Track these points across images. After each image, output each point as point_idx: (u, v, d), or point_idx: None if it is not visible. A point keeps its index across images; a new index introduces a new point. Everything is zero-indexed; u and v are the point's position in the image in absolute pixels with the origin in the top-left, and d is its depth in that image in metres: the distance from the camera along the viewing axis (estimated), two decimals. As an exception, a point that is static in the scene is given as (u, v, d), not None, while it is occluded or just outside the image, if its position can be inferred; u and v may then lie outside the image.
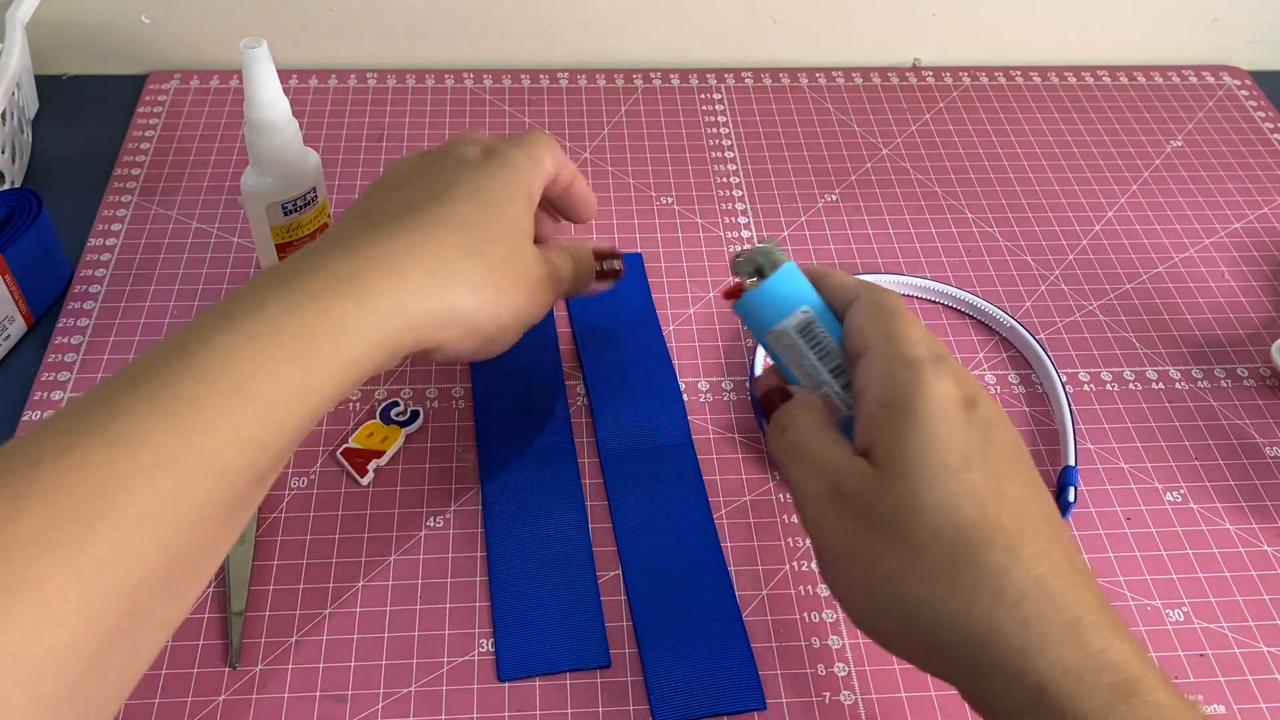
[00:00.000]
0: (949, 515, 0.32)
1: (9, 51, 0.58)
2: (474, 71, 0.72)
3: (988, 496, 0.32)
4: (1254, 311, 0.60)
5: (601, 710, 0.42)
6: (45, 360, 0.53)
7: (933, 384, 0.34)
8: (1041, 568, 0.31)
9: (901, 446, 0.33)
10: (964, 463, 0.32)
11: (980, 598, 0.31)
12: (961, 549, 0.31)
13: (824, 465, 0.35)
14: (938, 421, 0.33)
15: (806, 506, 0.35)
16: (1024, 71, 0.75)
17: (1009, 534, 0.31)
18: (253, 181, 0.52)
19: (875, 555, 0.32)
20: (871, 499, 0.33)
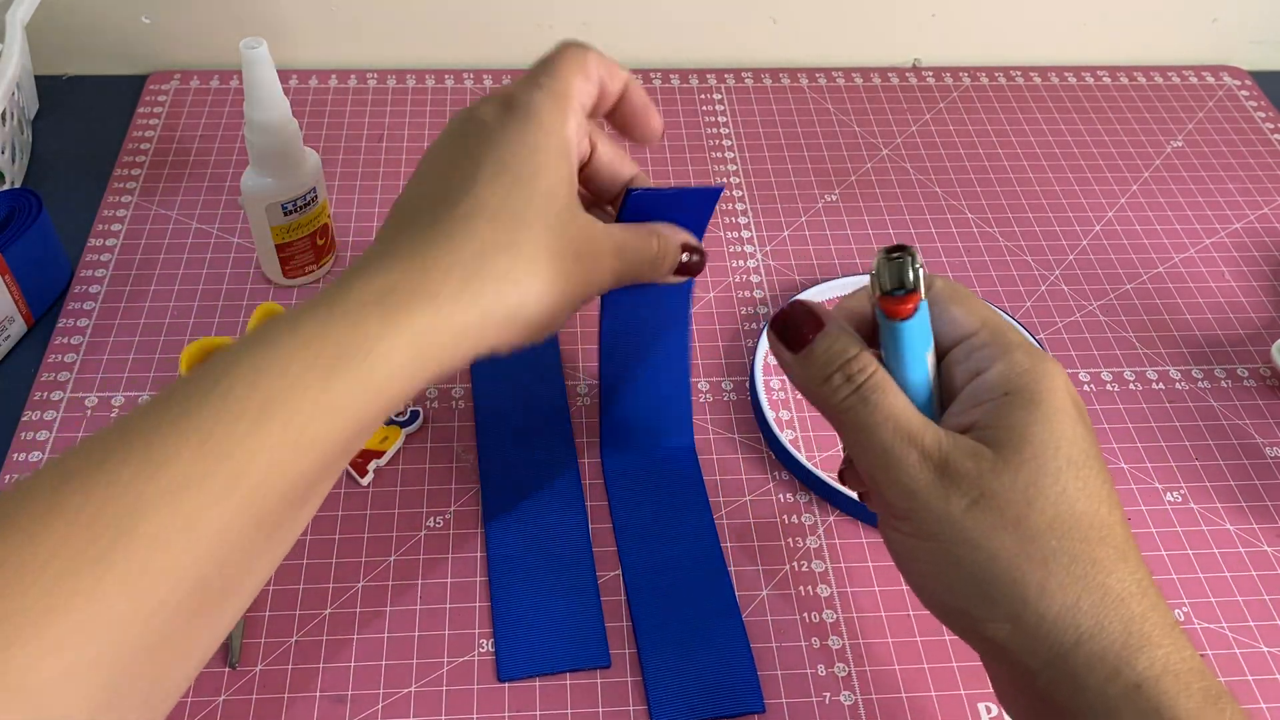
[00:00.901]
0: (1069, 507, 0.31)
1: (9, 51, 0.58)
2: (474, 71, 0.72)
3: (1102, 497, 0.32)
4: (1254, 311, 0.60)
5: (601, 710, 0.42)
6: (45, 360, 0.53)
7: (1057, 377, 0.33)
8: (1141, 571, 0.32)
9: (1028, 433, 0.32)
10: (1084, 459, 0.32)
11: (1090, 591, 0.31)
12: (1078, 542, 0.31)
13: (918, 434, 0.33)
14: (1064, 415, 0.32)
15: (894, 475, 0.33)
16: (1024, 72, 0.75)
17: (1119, 536, 0.32)
18: (253, 182, 0.52)
19: (984, 534, 0.31)
20: (987, 479, 0.32)
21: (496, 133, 0.35)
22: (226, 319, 0.55)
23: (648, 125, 0.40)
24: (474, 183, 0.34)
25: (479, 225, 0.34)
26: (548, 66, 0.37)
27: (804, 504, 0.49)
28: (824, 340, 0.35)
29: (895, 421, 0.33)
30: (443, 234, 0.33)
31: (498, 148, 0.35)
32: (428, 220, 0.34)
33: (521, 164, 0.35)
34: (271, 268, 0.56)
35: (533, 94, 0.36)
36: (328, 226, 0.56)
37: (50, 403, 0.51)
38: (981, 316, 0.35)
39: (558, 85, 0.36)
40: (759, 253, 0.61)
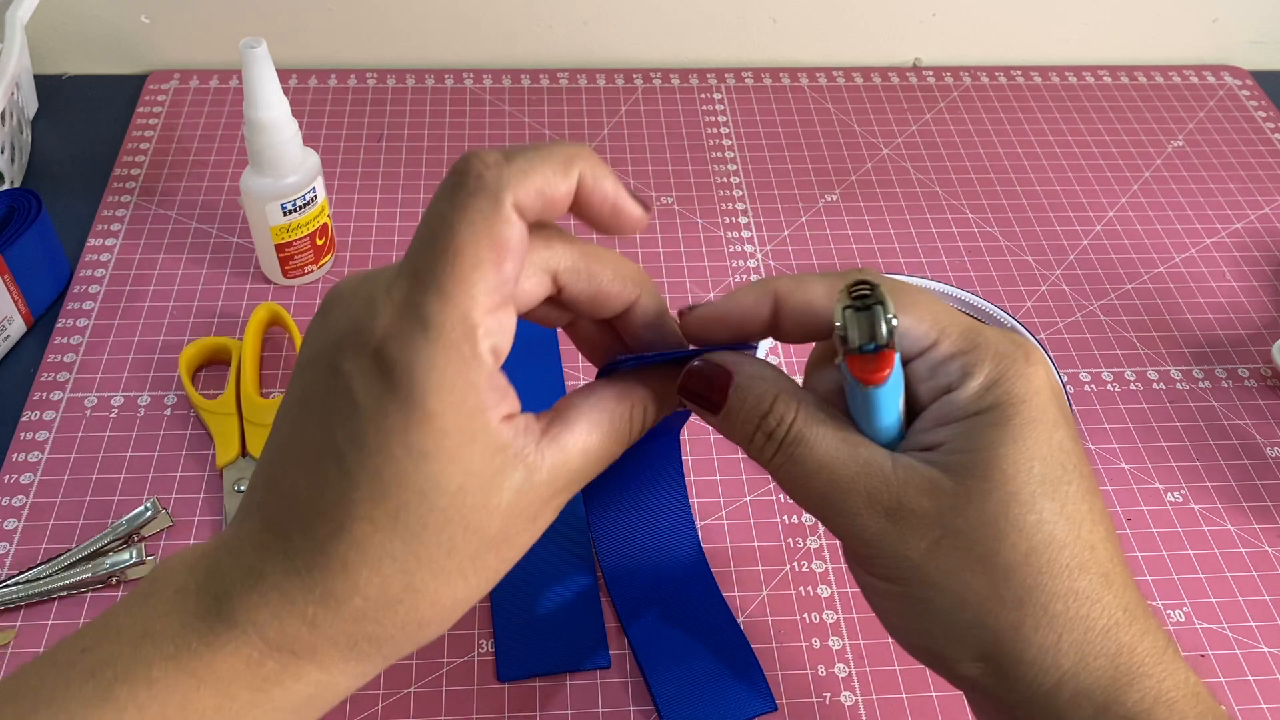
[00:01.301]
0: (1045, 535, 0.28)
1: (8, 51, 0.58)
2: (474, 71, 0.72)
3: (1083, 514, 0.29)
4: (1255, 311, 0.59)
5: (601, 711, 0.42)
6: (44, 360, 0.52)
7: (1033, 378, 0.29)
8: (1128, 593, 0.29)
9: (997, 457, 0.28)
10: (1063, 473, 0.29)
11: (1072, 628, 0.28)
12: (1057, 576, 0.28)
13: (857, 480, 0.29)
14: (1040, 425, 0.29)
15: (841, 523, 0.30)
16: (1024, 71, 0.75)
17: (1102, 558, 0.29)
18: (252, 181, 0.52)
19: (950, 576, 0.28)
20: (949, 515, 0.28)
21: (369, 428, 0.26)
22: (226, 319, 0.55)
23: (619, 221, 0.30)
24: (348, 511, 0.26)
25: (361, 579, 0.27)
26: (434, 265, 0.26)
27: (804, 504, 0.49)
28: (735, 395, 0.31)
29: (830, 471, 0.29)
30: (321, 584, 0.27)
31: (373, 455, 0.26)
32: (302, 546, 0.27)
33: (405, 485, 0.26)
34: (271, 268, 0.56)
35: (415, 352, 0.26)
36: (327, 226, 0.56)
37: (50, 403, 0.51)
38: (938, 323, 0.30)
39: (451, 315, 0.26)
40: (759, 252, 0.60)
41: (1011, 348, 0.30)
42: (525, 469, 0.28)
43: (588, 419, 0.30)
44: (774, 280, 0.31)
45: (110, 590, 0.44)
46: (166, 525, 0.46)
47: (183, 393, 0.51)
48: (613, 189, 0.29)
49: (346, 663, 0.28)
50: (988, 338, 0.30)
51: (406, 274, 0.27)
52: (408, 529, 0.26)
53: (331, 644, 0.27)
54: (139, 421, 0.50)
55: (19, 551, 0.45)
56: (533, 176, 0.27)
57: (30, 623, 0.43)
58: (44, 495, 0.47)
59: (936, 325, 0.30)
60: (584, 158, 0.29)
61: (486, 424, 0.27)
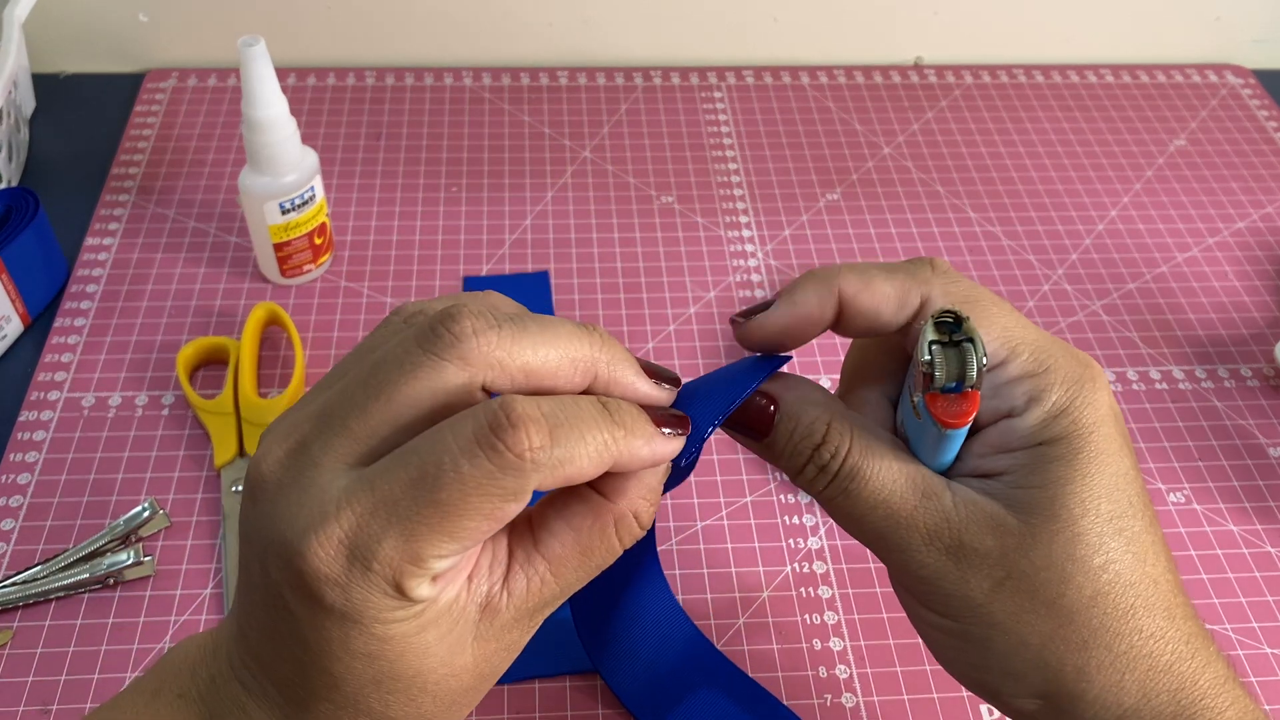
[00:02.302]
0: (1111, 575, 0.27)
1: (6, 50, 0.58)
2: (473, 70, 0.71)
3: (1146, 548, 0.28)
4: (1257, 311, 0.59)
5: (601, 712, 0.41)
6: (42, 360, 0.52)
7: (1100, 405, 0.28)
8: (1189, 624, 0.28)
9: (1065, 494, 0.27)
10: (1128, 508, 0.28)
11: (1135, 666, 0.27)
12: (1123, 617, 0.27)
13: (916, 517, 0.28)
14: (1106, 458, 0.27)
15: (899, 560, 0.29)
16: (1026, 70, 0.75)
17: (1165, 591, 0.28)
18: (251, 180, 0.51)
19: (1013, 618, 0.27)
20: (1013, 557, 0.27)
21: (309, 635, 0.24)
22: (224, 318, 0.55)
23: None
24: (310, 691, 0.25)
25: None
26: (428, 530, 0.23)
27: (805, 505, 0.49)
28: (783, 424, 0.29)
29: (887, 506, 0.28)
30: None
31: (319, 656, 0.24)
32: (281, 700, 0.26)
33: (357, 677, 0.25)
34: (269, 267, 0.55)
35: (363, 605, 0.24)
36: (325, 225, 0.56)
37: (47, 403, 0.50)
38: (1009, 339, 0.28)
39: (416, 580, 0.24)
40: (760, 252, 0.60)
41: (1080, 370, 0.28)
42: (489, 617, 0.26)
43: (559, 539, 0.27)
44: (835, 276, 0.29)
45: (108, 590, 0.44)
46: (164, 525, 0.46)
47: (180, 392, 0.51)
48: (631, 380, 0.27)
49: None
50: (1059, 360, 0.28)
51: (378, 509, 0.23)
52: (370, 710, 0.25)
53: None
54: (136, 421, 0.50)
55: (16, 552, 0.45)
56: (571, 466, 0.24)
57: (27, 623, 0.43)
58: (41, 495, 0.47)
59: (1007, 342, 0.28)
60: (605, 361, 0.26)
61: (437, 610, 0.25)
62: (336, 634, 0.24)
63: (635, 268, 0.59)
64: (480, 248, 0.59)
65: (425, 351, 0.24)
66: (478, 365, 0.24)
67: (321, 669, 0.25)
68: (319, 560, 0.23)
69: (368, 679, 0.25)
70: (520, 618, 0.27)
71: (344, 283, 0.57)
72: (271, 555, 0.24)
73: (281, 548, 0.24)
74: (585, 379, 0.26)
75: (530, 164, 0.65)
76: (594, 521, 0.27)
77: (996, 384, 0.28)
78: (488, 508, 0.23)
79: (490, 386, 0.25)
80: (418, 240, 0.60)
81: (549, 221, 0.61)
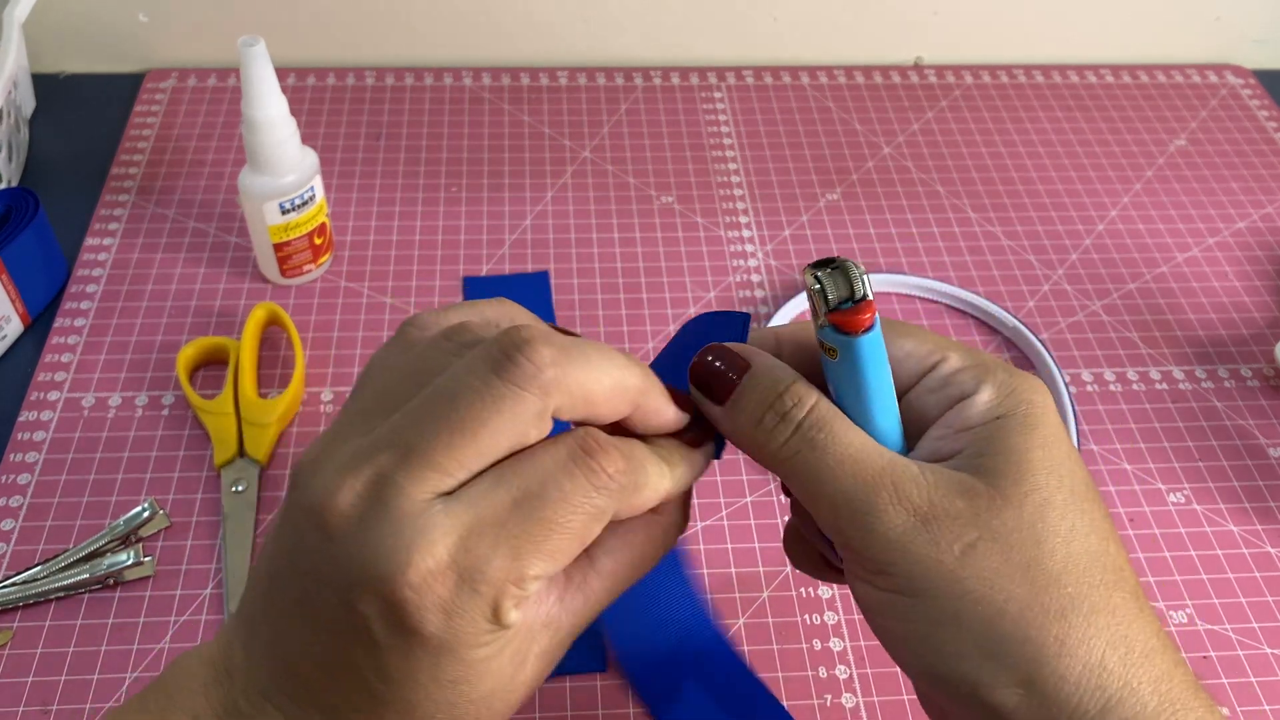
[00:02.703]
0: (1080, 545, 0.27)
1: (6, 50, 0.58)
2: (473, 70, 0.71)
3: (1106, 533, 0.28)
4: (1257, 311, 0.59)
5: (601, 713, 0.41)
6: (42, 360, 0.52)
7: (1048, 402, 0.29)
8: (1156, 621, 0.27)
9: (1030, 460, 0.27)
10: (1085, 491, 0.28)
11: (1115, 647, 0.26)
12: (1095, 588, 0.26)
13: (885, 473, 0.27)
14: (1061, 442, 0.28)
15: (865, 524, 0.27)
16: (1026, 70, 0.75)
17: (1129, 580, 0.27)
18: (250, 180, 0.51)
19: (989, 584, 0.26)
20: (985, 517, 0.27)
21: (393, 664, 0.25)
22: (224, 319, 0.55)
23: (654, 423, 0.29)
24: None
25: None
26: (532, 540, 0.25)
27: (805, 505, 0.48)
28: (749, 381, 0.29)
29: (854, 462, 0.27)
30: None
31: (399, 687, 0.25)
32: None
33: (434, 701, 0.25)
34: (269, 267, 0.55)
35: (455, 629, 0.24)
36: (325, 225, 0.56)
37: (47, 403, 0.50)
38: (940, 344, 0.30)
39: (501, 580, 0.24)
40: (760, 252, 0.60)
41: (1013, 370, 0.30)
42: (550, 633, 0.27)
43: (614, 556, 0.28)
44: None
45: (108, 590, 0.44)
46: (164, 526, 0.46)
47: (180, 393, 0.51)
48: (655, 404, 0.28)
49: None
50: (989, 357, 0.30)
51: (485, 530, 0.24)
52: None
53: None
54: (136, 422, 0.50)
55: (16, 552, 0.45)
56: (645, 492, 0.27)
57: (27, 623, 0.43)
58: (41, 495, 0.47)
59: (938, 346, 0.30)
60: (648, 388, 0.28)
61: (515, 631, 0.26)
62: (427, 663, 0.24)
63: (635, 268, 0.59)
64: (480, 248, 0.59)
65: (506, 382, 0.25)
66: (554, 395, 0.25)
67: (400, 698, 0.25)
68: (426, 587, 0.24)
69: (443, 703, 0.25)
70: (575, 632, 0.28)
71: (344, 283, 0.57)
72: (360, 590, 0.24)
73: (376, 581, 0.24)
74: (629, 408, 0.27)
75: (530, 164, 0.65)
76: (646, 536, 0.29)
77: (943, 376, 0.29)
78: (581, 526, 0.25)
79: (557, 414, 0.26)
80: (418, 240, 0.60)
81: (549, 221, 0.61)
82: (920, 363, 0.30)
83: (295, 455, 0.49)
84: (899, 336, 0.30)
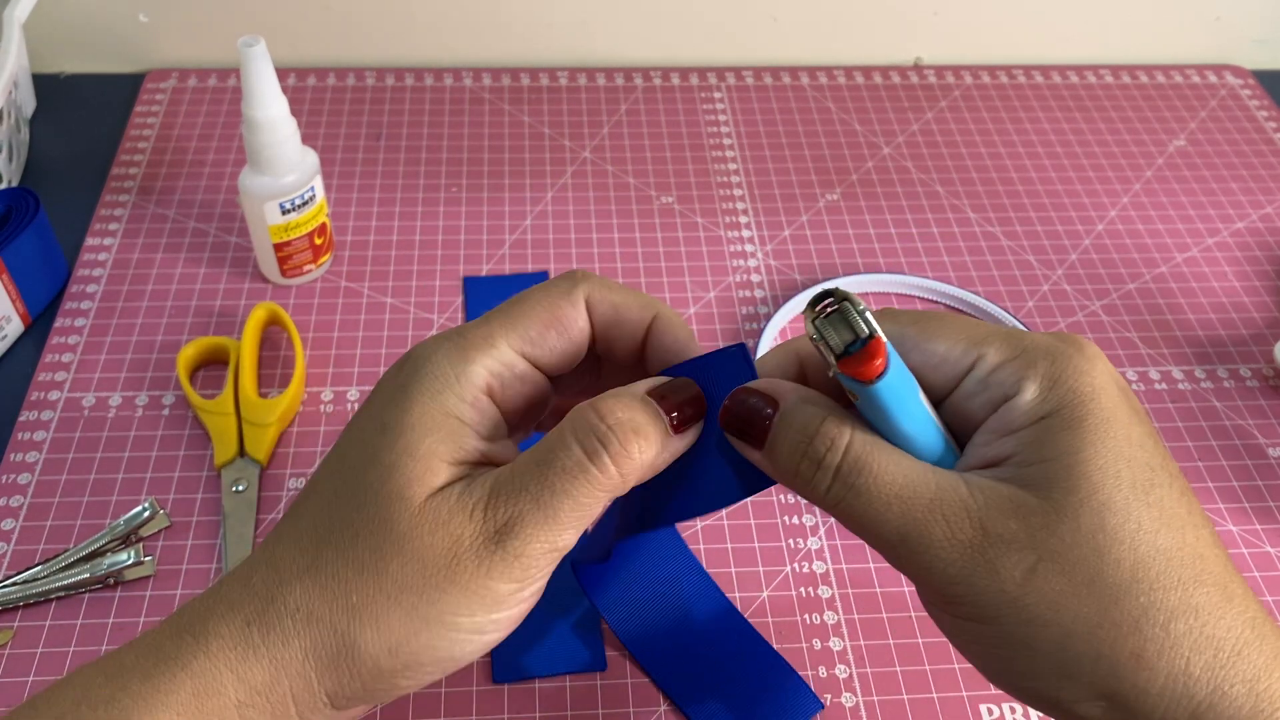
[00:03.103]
0: (1149, 546, 0.25)
1: (6, 50, 0.58)
2: (473, 70, 0.72)
3: (1184, 521, 0.26)
4: (1257, 311, 0.59)
5: (601, 713, 0.41)
6: (42, 360, 0.52)
7: (1097, 373, 0.27)
8: (1252, 607, 0.26)
9: (1080, 461, 0.26)
10: (1150, 475, 0.26)
11: (1200, 650, 0.25)
12: (1171, 591, 0.25)
13: (935, 507, 0.26)
14: (1117, 423, 0.26)
15: (922, 561, 0.27)
16: (1026, 70, 0.75)
17: (1214, 567, 0.26)
18: (251, 180, 0.51)
19: (1052, 607, 0.25)
20: (1041, 536, 0.25)
21: (358, 430, 0.30)
22: (224, 319, 0.55)
23: (670, 346, 0.32)
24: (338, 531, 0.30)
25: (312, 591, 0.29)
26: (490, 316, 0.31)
27: (805, 505, 0.49)
28: (780, 423, 0.28)
29: (901, 501, 0.26)
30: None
31: (343, 457, 0.31)
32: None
33: (363, 473, 0.29)
34: (269, 267, 0.55)
35: (429, 352, 0.30)
36: (326, 226, 0.56)
37: (47, 403, 0.51)
38: (975, 340, 0.28)
39: (464, 340, 0.31)
40: (759, 252, 0.60)
41: (1062, 344, 0.28)
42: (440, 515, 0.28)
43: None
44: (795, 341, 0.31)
45: (108, 590, 0.44)
46: (164, 525, 0.46)
47: (181, 393, 0.51)
48: (668, 321, 0.32)
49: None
50: (1035, 340, 0.28)
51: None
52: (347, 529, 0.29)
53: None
54: (137, 421, 0.50)
55: (16, 552, 0.45)
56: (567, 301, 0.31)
57: (28, 623, 0.43)
58: (41, 495, 0.47)
59: (973, 342, 0.28)
60: (659, 309, 0.32)
61: (445, 421, 0.29)
62: (374, 426, 0.30)
63: (635, 268, 0.59)
64: (480, 248, 0.59)
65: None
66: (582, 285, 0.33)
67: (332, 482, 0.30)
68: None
69: (358, 488, 0.29)
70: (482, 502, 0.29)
71: (344, 283, 0.57)
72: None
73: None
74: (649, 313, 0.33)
75: (530, 164, 0.65)
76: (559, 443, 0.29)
77: (980, 378, 0.28)
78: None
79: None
80: (418, 240, 0.60)
81: (549, 221, 0.61)
82: (955, 365, 0.28)
83: (295, 455, 0.49)
84: (929, 339, 0.29)
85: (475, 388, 0.30)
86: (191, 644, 0.28)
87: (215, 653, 0.27)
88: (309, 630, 0.28)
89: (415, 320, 0.55)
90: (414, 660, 0.28)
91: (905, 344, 0.29)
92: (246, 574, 0.29)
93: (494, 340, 0.30)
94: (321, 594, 0.28)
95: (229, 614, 0.28)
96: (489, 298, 0.56)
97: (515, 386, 0.31)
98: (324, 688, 0.28)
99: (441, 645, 0.28)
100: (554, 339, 0.31)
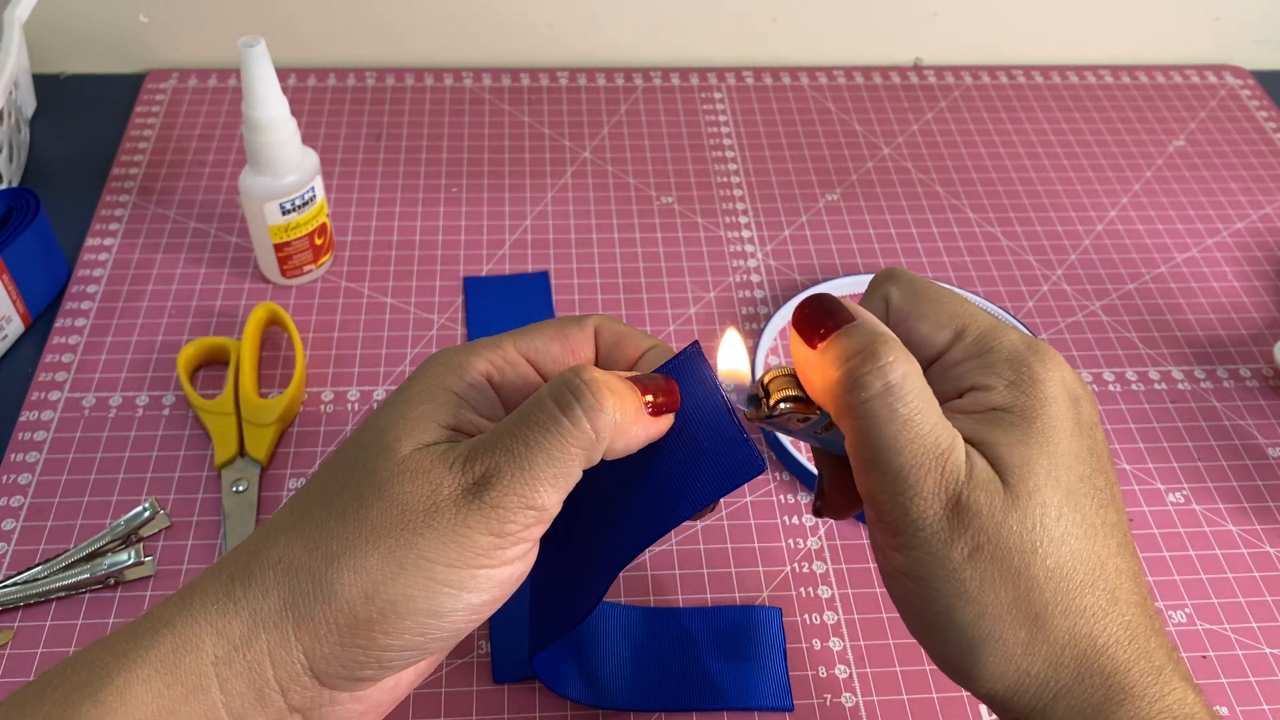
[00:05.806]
0: (1068, 550, 0.28)
1: (6, 50, 0.58)
2: (473, 70, 0.72)
3: (1096, 528, 0.29)
4: (1256, 311, 0.59)
5: (601, 713, 0.41)
6: (42, 360, 0.52)
7: (1046, 384, 0.29)
8: (1131, 611, 0.29)
9: (1029, 464, 0.28)
10: (1080, 485, 0.29)
11: (1076, 644, 0.28)
12: (1071, 593, 0.28)
13: (942, 457, 0.28)
14: (1058, 434, 0.29)
15: (903, 504, 0.29)
16: (1025, 71, 0.75)
17: (1110, 573, 0.29)
18: (251, 181, 0.51)
19: (979, 587, 0.28)
20: (997, 520, 0.28)
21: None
22: (224, 319, 0.55)
23: (627, 348, 0.34)
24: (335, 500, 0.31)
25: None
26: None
27: (805, 505, 0.49)
28: (856, 327, 0.30)
29: (920, 440, 0.28)
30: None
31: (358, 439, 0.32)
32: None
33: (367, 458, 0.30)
34: (270, 267, 0.55)
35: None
36: (326, 226, 0.56)
37: (48, 403, 0.51)
38: (956, 324, 0.31)
39: (472, 344, 0.33)
40: (759, 252, 0.60)
41: (1026, 353, 0.30)
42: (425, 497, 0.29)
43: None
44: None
45: (109, 590, 0.44)
46: (165, 525, 0.46)
47: (181, 393, 0.51)
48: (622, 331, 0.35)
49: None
50: (1003, 342, 0.30)
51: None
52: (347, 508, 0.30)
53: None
54: (137, 422, 0.50)
55: (17, 552, 0.45)
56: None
57: (28, 623, 0.43)
58: (42, 495, 0.47)
59: (953, 327, 0.31)
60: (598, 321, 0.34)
61: (442, 397, 0.31)
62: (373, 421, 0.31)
63: (635, 268, 0.59)
64: (480, 248, 0.59)
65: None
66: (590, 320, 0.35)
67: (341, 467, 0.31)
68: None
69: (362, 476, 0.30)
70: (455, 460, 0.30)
71: (344, 283, 0.57)
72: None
73: None
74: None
75: (530, 164, 0.65)
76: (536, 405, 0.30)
77: (944, 370, 0.31)
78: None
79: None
80: (418, 240, 0.60)
81: (549, 222, 0.61)
82: (931, 349, 0.31)
83: (296, 455, 0.49)
84: (914, 319, 0.32)
85: (475, 371, 0.32)
86: (177, 601, 0.29)
87: (196, 608, 0.28)
88: (288, 579, 0.28)
89: (415, 320, 0.55)
90: (391, 609, 0.28)
91: (898, 315, 0.32)
92: (242, 540, 0.31)
93: (500, 342, 0.33)
94: (305, 545, 0.29)
95: (215, 571, 0.29)
96: (489, 298, 0.56)
97: (514, 380, 0.33)
98: (301, 644, 0.28)
99: (420, 595, 0.28)
100: (557, 350, 0.34)
